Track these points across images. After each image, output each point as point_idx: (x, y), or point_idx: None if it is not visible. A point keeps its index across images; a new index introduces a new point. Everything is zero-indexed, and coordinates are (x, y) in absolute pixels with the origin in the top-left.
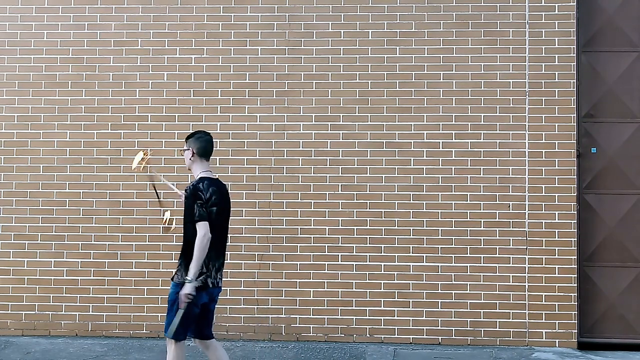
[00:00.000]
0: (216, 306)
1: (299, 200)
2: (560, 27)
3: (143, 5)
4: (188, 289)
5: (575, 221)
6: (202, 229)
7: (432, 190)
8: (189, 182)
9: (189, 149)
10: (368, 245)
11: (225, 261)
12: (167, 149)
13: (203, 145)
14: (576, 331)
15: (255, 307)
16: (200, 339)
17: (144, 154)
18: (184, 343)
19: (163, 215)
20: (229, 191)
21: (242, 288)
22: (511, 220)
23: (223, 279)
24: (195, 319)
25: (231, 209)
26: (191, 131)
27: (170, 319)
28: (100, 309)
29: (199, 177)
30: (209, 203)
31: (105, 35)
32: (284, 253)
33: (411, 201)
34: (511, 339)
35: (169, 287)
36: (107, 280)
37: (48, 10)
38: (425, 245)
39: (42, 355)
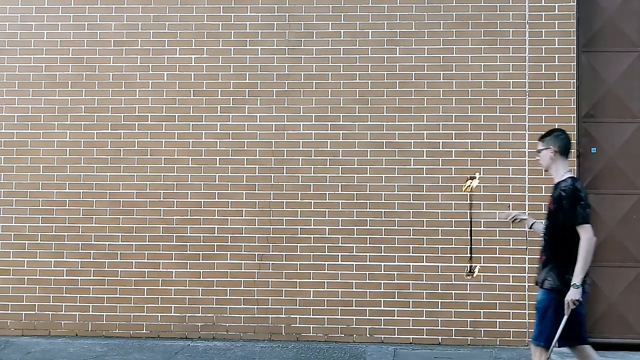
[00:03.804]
0: (216, 306)
1: (299, 200)
2: (560, 27)
3: (143, 5)
4: (576, 294)
5: None
6: (588, 232)
7: (432, 190)
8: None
9: (548, 148)
10: (368, 245)
11: (226, 261)
12: (167, 149)
13: (565, 143)
14: None
15: (255, 307)
16: (575, 345)
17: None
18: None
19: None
20: (228, 191)
21: (242, 288)
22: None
23: (225, 279)
24: (569, 325)
25: (234, 209)
26: (191, 131)
27: (543, 327)
28: (100, 309)
29: (567, 177)
30: (587, 203)
31: (105, 35)
32: (284, 253)
33: (411, 201)
34: (511, 339)
35: (169, 288)
36: (107, 280)
37: (48, 10)
38: (425, 245)
39: (42, 355)
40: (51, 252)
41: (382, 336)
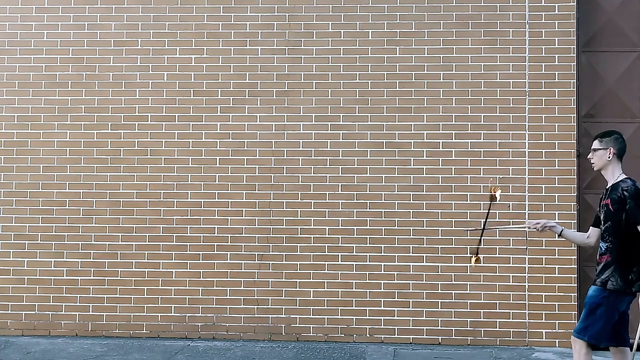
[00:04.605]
0: (216, 306)
1: (299, 200)
2: (560, 27)
3: (143, 5)
4: None
5: (575, 221)
6: None
7: (432, 190)
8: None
9: (607, 149)
10: (368, 245)
11: (226, 261)
12: (167, 149)
13: (623, 146)
14: None
15: (255, 307)
16: (617, 346)
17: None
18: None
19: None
20: (228, 191)
21: (242, 288)
22: (511, 220)
23: (225, 279)
24: (615, 325)
25: (234, 209)
26: (191, 131)
27: (589, 323)
28: (100, 309)
29: (624, 178)
30: None
31: (105, 35)
32: (284, 253)
33: (411, 201)
34: (511, 339)
35: (169, 288)
36: (107, 280)
37: (48, 10)
38: (425, 245)
39: (42, 355)
40: (51, 252)
41: (382, 336)
